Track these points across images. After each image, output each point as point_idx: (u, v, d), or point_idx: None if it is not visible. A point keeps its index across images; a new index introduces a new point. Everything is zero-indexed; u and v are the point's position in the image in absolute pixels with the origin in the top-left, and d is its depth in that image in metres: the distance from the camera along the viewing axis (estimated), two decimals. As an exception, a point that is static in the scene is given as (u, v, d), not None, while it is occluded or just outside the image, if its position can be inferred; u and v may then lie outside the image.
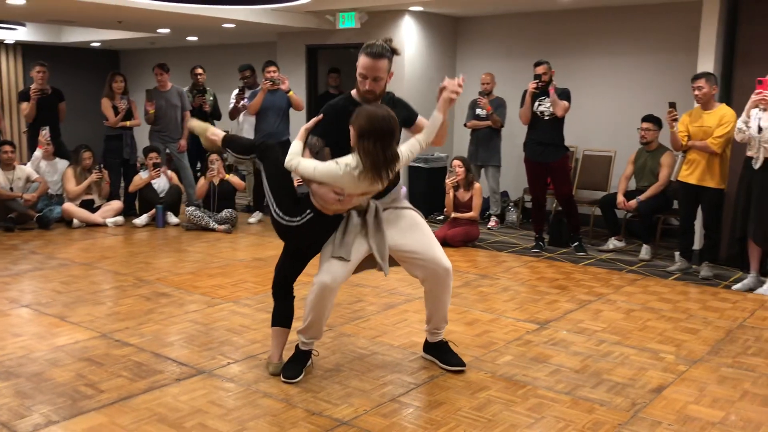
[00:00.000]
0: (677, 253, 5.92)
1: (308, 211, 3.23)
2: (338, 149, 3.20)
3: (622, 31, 7.61)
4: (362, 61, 3.25)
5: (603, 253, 6.55)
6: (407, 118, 3.46)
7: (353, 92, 3.39)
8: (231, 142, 3.63)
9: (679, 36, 7.21)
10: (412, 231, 3.43)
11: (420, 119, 3.50)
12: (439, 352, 3.68)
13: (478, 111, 7.74)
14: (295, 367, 3.47)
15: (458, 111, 8.51)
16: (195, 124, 3.78)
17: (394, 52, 3.28)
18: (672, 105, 5.61)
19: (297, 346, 3.51)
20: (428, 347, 3.74)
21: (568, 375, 3.57)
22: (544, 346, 4.00)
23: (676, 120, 5.58)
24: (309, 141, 3.29)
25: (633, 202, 6.37)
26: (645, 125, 6.50)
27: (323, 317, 3.36)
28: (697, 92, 5.51)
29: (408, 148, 3.27)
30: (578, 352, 3.90)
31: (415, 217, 3.50)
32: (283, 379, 3.40)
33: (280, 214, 3.28)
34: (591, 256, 6.41)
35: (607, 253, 6.53)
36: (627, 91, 7.62)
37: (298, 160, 3.19)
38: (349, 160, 3.09)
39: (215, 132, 3.65)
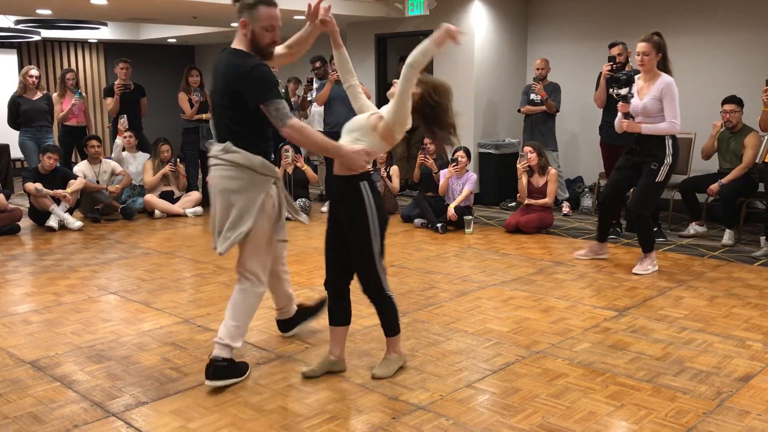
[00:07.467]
0: (763, 238, 5.69)
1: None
2: None
3: (701, 9, 7.31)
4: (269, 12, 3.15)
5: (683, 238, 6.35)
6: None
7: (242, 47, 3.19)
8: None
9: (761, 14, 6.88)
10: None
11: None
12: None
13: (533, 96, 7.69)
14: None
15: (513, 97, 8.38)
16: None
17: None
18: None
19: (228, 358, 3.28)
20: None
21: (649, 362, 3.49)
22: (623, 333, 3.92)
23: None
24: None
25: (715, 186, 6.14)
26: (728, 107, 6.23)
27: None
28: None
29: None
30: (659, 340, 3.81)
31: None
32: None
33: None
34: (671, 241, 6.22)
35: (687, 239, 6.32)
36: (707, 71, 7.32)
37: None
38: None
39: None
